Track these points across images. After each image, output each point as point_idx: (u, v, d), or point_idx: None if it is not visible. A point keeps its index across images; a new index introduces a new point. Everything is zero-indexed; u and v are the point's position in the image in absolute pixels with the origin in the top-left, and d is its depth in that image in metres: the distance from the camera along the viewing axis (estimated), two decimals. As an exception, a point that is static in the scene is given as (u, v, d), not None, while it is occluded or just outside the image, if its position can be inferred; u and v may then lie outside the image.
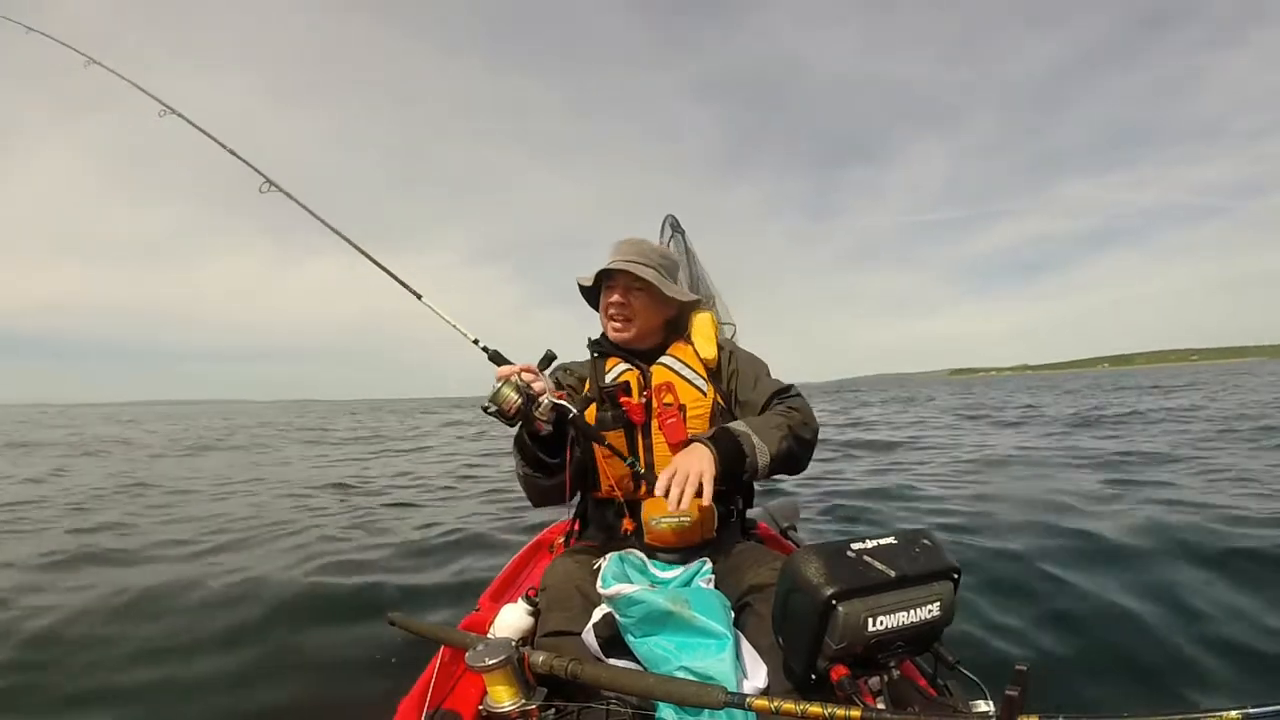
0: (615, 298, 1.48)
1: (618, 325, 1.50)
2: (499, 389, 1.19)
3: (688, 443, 1.36)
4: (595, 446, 1.42)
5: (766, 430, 1.32)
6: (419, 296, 1.51)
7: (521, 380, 1.20)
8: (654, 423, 1.42)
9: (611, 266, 1.46)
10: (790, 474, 1.40)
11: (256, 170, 1.70)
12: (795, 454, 1.35)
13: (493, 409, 1.19)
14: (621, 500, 1.43)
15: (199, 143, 1.76)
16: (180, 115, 1.82)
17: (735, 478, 1.29)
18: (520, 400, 1.19)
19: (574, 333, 1.68)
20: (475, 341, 1.42)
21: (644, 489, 1.41)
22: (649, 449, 1.43)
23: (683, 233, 1.87)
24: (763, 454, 1.29)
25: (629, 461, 1.37)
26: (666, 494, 1.17)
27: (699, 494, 1.17)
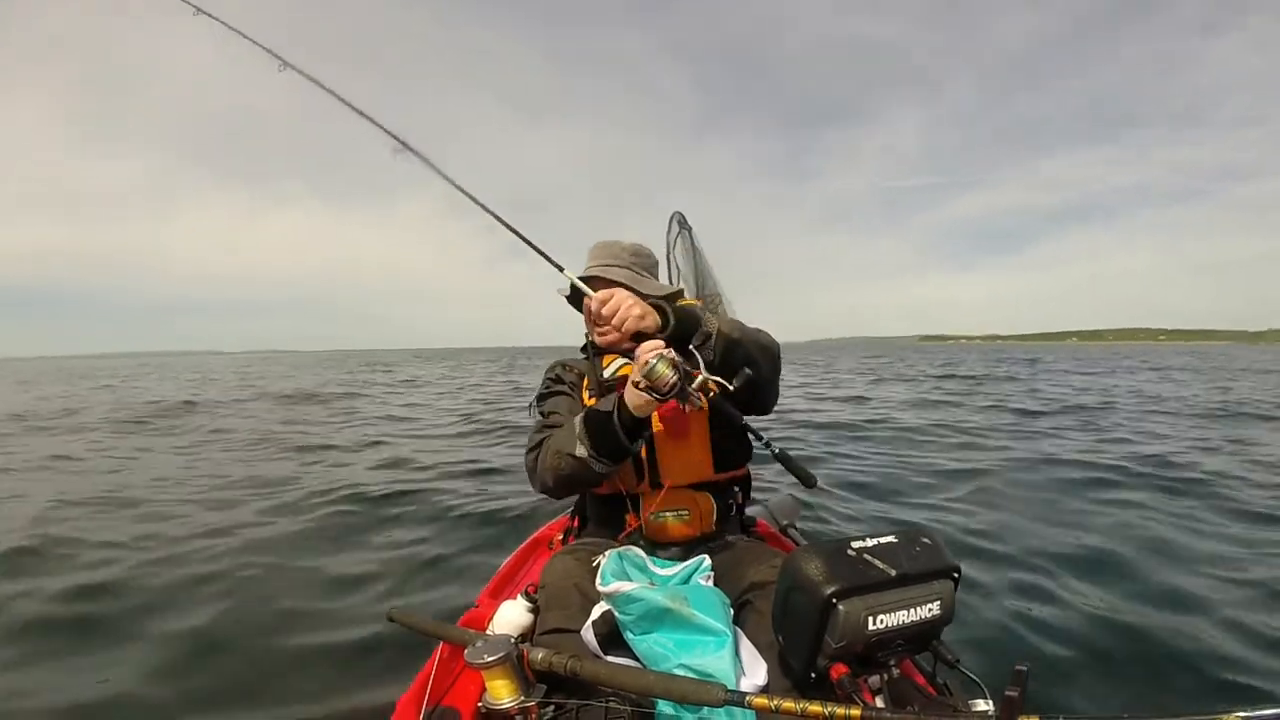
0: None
1: (602, 330, 1.41)
2: (654, 365, 1.14)
3: (687, 434, 1.39)
4: None
5: (722, 317, 1.32)
6: (561, 269, 1.45)
7: (678, 357, 1.17)
8: (654, 415, 1.40)
9: (583, 276, 1.45)
10: (749, 373, 1.25)
11: (389, 133, 1.56)
12: (745, 345, 1.29)
13: (643, 384, 1.16)
14: (624, 494, 1.43)
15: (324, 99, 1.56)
16: (300, 70, 1.64)
17: (686, 338, 1.25)
18: (676, 378, 1.15)
19: (538, 286, 1.64)
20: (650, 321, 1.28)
21: (646, 482, 1.42)
22: (649, 441, 1.42)
23: (689, 229, 1.86)
24: (710, 324, 1.26)
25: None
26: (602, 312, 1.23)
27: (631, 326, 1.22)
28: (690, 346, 1.25)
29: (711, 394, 1.23)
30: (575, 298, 1.51)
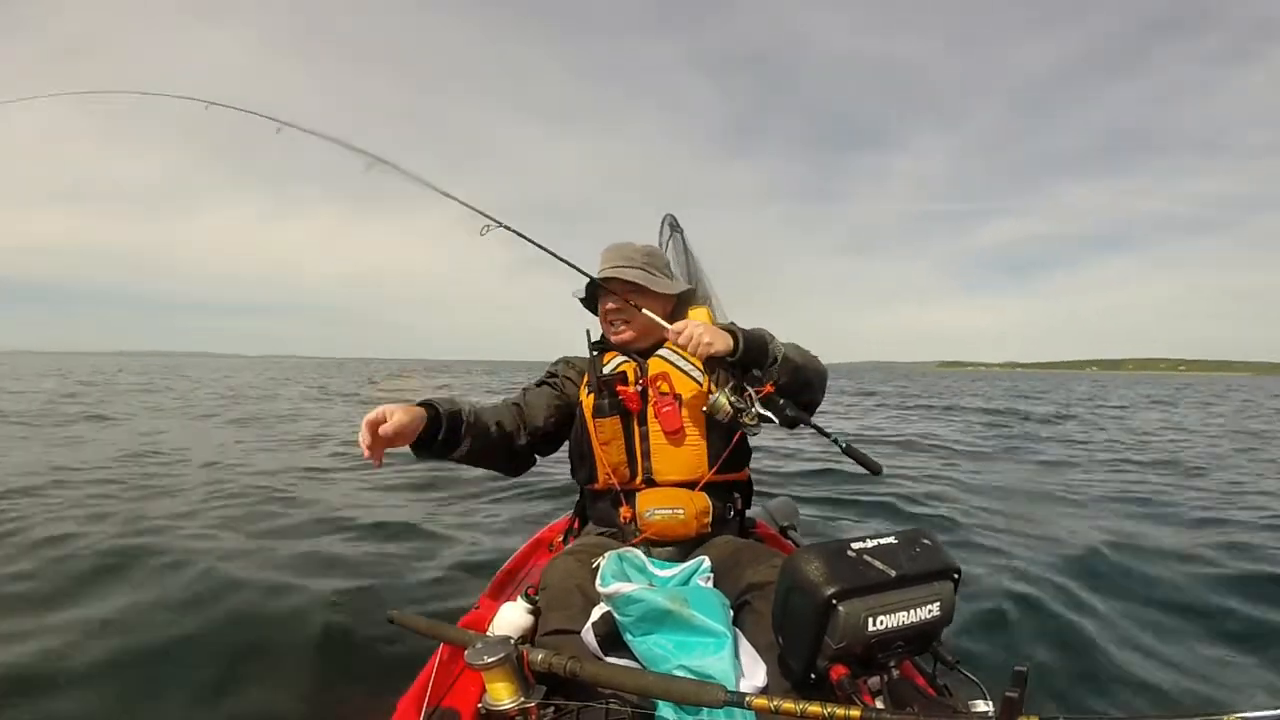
0: (610, 305, 1.53)
1: (618, 329, 1.54)
2: (716, 399, 1.36)
3: (682, 431, 1.43)
4: (593, 434, 1.46)
5: (780, 341, 1.42)
6: (588, 276, 1.56)
7: (731, 393, 1.34)
8: (650, 410, 1.46)
9: (599, 276, 1.52)
10: (803, 396, 1.41)
11: (480, 213, 1.55)
12: (806, 371, 1.41)
13: (707, 411, 1.39)
14: (619, 489, 1.45)
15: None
16: (387, 163, 1.55)
17: (755, 363, 1.36)
18: (731, 412, 1.34)
19: (557, 296, 1.69)
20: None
21: (640, 477, 1.45)
22: (645, 437, 1.46)
23: (681, 231, 1.87)
24: (777, 349, 1.37)
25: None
26: (681, 337, 1.33)
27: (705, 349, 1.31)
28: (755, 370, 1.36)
29: (758, 420, 1.34)
30: (590, 299, 1.61)
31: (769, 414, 1.33)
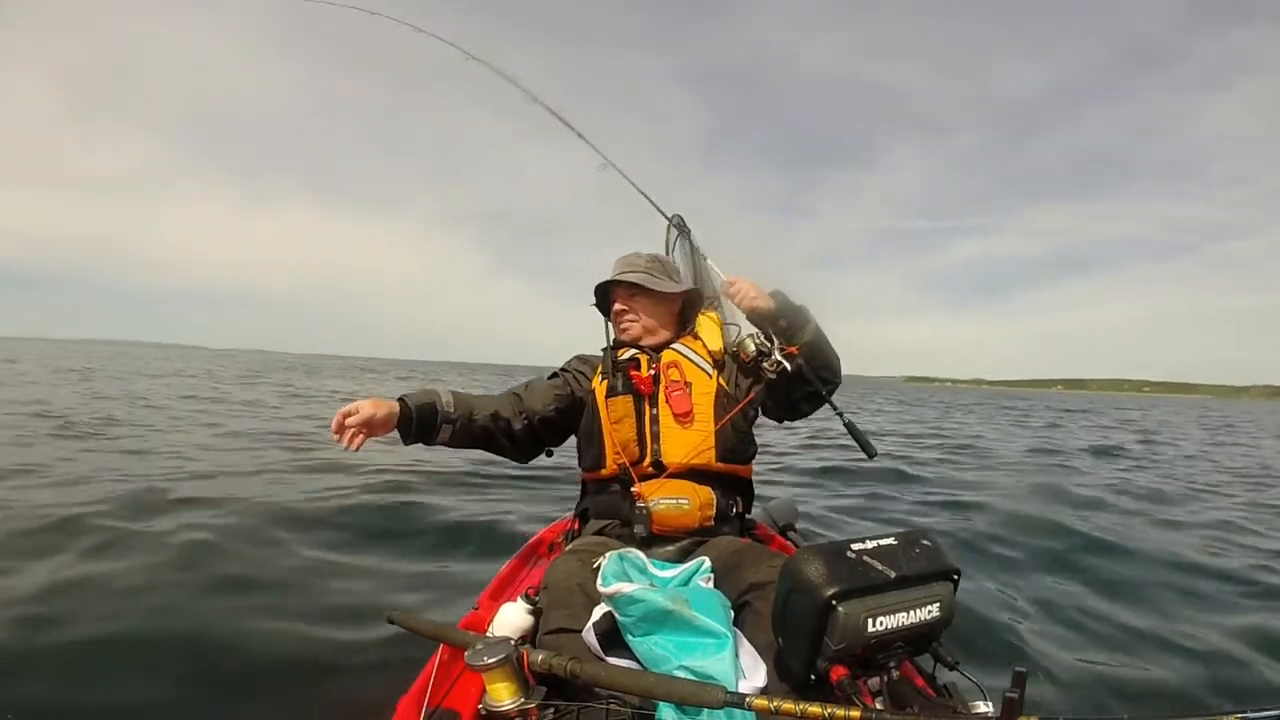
0: (617, 305, 1.65)
1: (625, 325, 1.65)
2: (744, 339, 1.50)
3: (692, 415, 1.49)
4: (604, 415, 1.53)
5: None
6: (667, 216, 1.86)
7: (762, 338, 1.49)
8: (661, 395, 1.52)
9: (604, 281, 1.67)
10: (822, 374, 1.50)
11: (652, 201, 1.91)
12: (828, 353, 1.52)
13: (735, 351, 1.53)
14: (628, 466, 1.48)
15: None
16: (615, 166, 1.93)
17: (794, 327, 1.49)
18: (755, 354, 1.49)
19: (534, 300, 1.83)
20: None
21: (648, 460, 1.49)
22: (655, 420, 1.51)
23: (688, 233, 1.87)
24: (811, 322, 1.50)
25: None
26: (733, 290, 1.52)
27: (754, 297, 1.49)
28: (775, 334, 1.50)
29: (780, 368, 1.47)
30: (603, 303, 1.72)
31: (789, 365, 1.46)
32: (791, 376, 1.48)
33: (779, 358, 1.46)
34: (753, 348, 1.49)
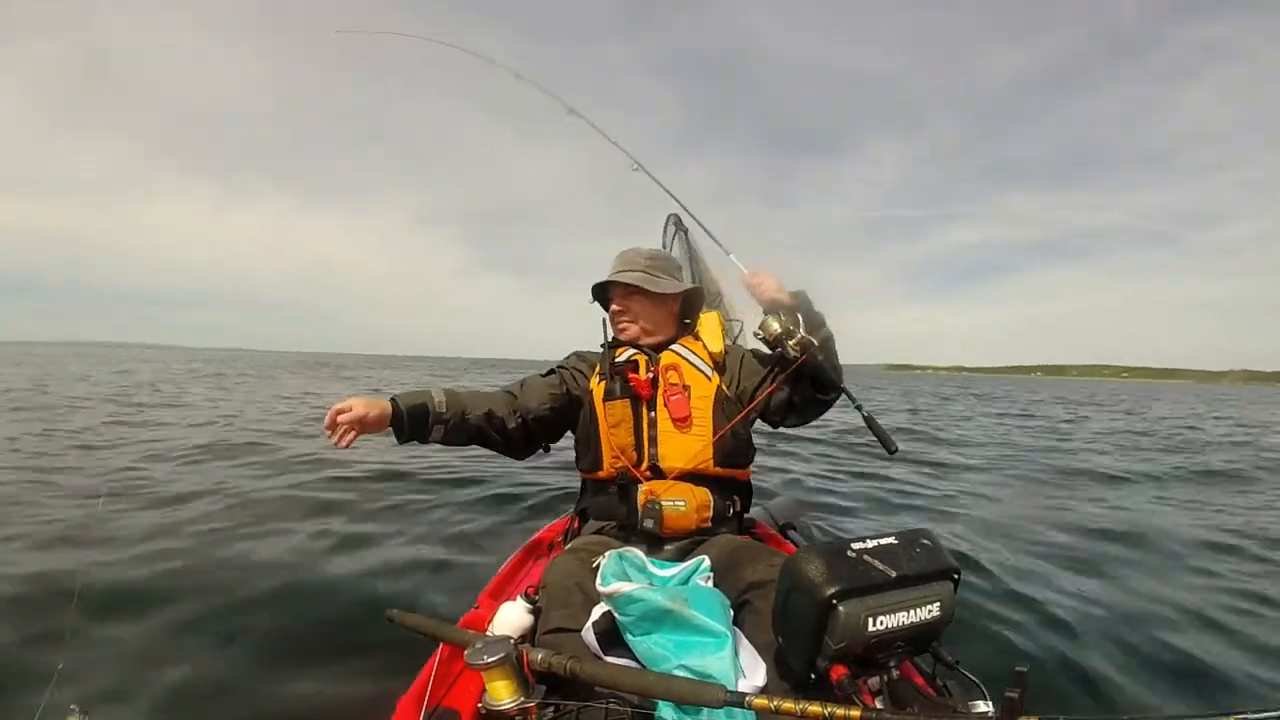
0: (614, 306, 1.64)
1: (622, 325, 1.63)
2: (768, 318, 1.49)
3: (690, 419, 1.48)
4: (601, 419, 1.51)
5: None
6: (683, 208, 1.89)
7: (783, 318, 1.47)
8: (660, 398, 1.51)
9: (601, 282, 1.65)
10: (824, 385, 1.50)
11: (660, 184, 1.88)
12: (838, 362, 1.52)
13: (760, 335, 1.50)
14: (629, 468, 1.47)
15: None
16: (646, 170, 1.94)
17: (811, 327, 1.48)
18: (779, 332, 1.47)
19: (519, 295, 1.84)
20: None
21: (646, 464, 1.48)
22: (653, 423, 1.50)
23: (686, 231, 1.87)
24: (825, 324, 1.50)
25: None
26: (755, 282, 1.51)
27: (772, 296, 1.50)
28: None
29: (806, 345, 1.46)
30: (603, 301, 1.69)
31: (815, 340, 1.45)
32: (808, 366, 1.47)
33: (805, 334, 1.45)
34: (777, 326, 1.47)
